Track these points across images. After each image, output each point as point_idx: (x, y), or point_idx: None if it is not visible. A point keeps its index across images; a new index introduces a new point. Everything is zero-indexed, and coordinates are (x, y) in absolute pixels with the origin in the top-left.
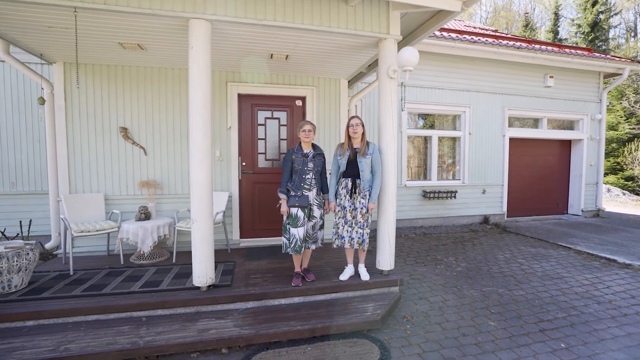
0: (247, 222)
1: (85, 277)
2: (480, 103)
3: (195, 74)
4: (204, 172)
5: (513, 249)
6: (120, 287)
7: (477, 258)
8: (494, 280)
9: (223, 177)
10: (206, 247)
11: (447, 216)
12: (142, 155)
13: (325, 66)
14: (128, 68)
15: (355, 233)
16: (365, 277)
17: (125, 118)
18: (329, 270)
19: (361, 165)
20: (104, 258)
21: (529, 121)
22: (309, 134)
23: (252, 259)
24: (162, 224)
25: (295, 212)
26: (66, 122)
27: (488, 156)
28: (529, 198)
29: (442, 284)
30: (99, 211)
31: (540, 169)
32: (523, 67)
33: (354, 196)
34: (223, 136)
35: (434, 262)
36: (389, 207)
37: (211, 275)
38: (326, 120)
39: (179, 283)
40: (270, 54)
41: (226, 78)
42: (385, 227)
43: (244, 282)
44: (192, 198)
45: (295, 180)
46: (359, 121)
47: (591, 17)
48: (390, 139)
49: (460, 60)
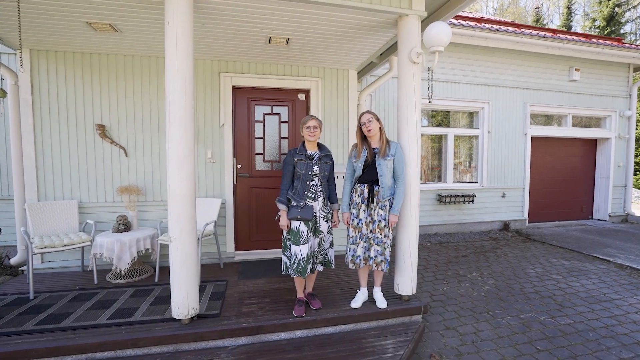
0: (243, 233)
1: (46, 303)
2: (500, 98)
3: (173, 54)
4: (185, 179)
5: (543, 262)
6: (84, 318)
7: (504, 273)
8: (531, 303)
9: (215, 181)
10: (188, 271)
11: (464, 222)
12: (122, 156)
13: (332, 53)
14: (106, 57)
15: (373, 251)
16: (382, 305)
17: (103, 114)
18: (338, 294)
19: (381, 169)
20: (77, 275)
21: (552, 118)
22: (314, 131)
23: (247, 276)
24: (142, 237)
25: (297, 226)
26: (33, 117)
27: (508, 156)
28: (552, 202)
29: (471, 308)
30: (71, 221)
31: (563, 170)
32: (547, 59)
33: (372, 206)
34: (215, 135)
35: (456, 278)
36: (411, 219)
37: (194, 304)
38: (333, 117)
39: (157, 311)
40: (268, 37)
41: (219, 68)
42: (406, 243)
43: (236, 309)
44: (170, 211)
45: (298, 188)
46: (371, 116)
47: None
48: (412, 138)
49: (479, 51)
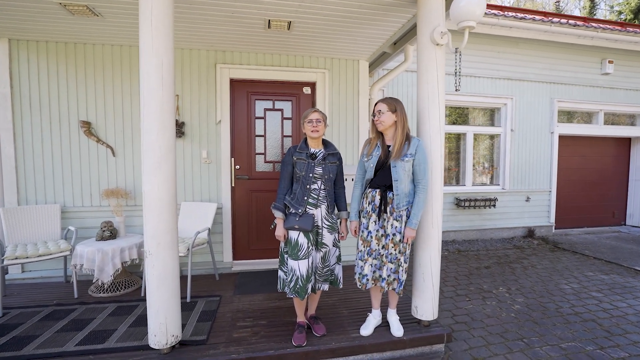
0: (242, 241)
1: (14, 322)
2: (525, 94)
3: (147, 32)
4: (163, 183)
5: (578, 276)
6: (51, 343)
7: (535, 289)
8: (572, 329)
9: (211, 184)
10: (166, 291)
11: (484, 228)
12: (110, 156)
13: (340, 40)
14: (91, 47)
15: (385, 270)
16: (398, 332)
17: (89, 110)
18: (345, 315)
19: (396, 172)
20: (58, 287)
21: (582, 115)
22: (318, 125)
23: (244, 290)
24: (128, 246)
25: (296, 238)
26: (13, 114)
27: (533, 157)
28: (580, 206)
29: (501, 333)
30: (52, 228)
31: (593, 171)
32: (576, 50)
33: (384, 216)
34: (211, 133)
35: (480, 293)
36: (433, 230)
37: (175, 330)
38: (341, 113)
39: (136, 335)
40: (267, 20)
41: (215, 59)
42: (426, 259)
43: (226, 334)
44: (145, 221)
45: (297, 192)
46: (385, 106)
47: (635, 3)
48: (435, 134)
49: (502, 42)
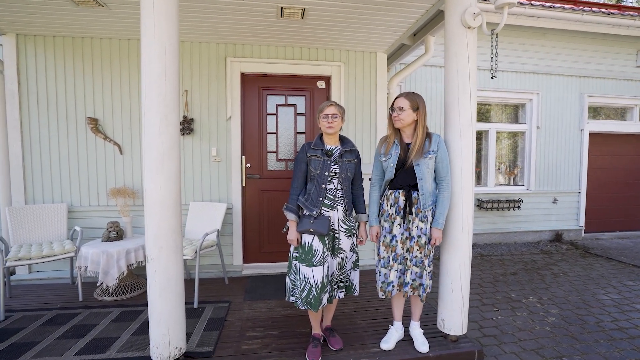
0: (253, 243)
1: (15, 327)
2: (552, 88)
3: (149, 16)
4: (166, 182)
5: (617, 285)
6: (50, 351)
7: (569, 299)
8: (618, 347)
9: (221, 183)
10: (169, 300)
11: (508, 232)
12: (117, 153)
13: (357, 29)
14: (99, 41)
15: (409, 275)
16: (423, 348)
17: (96, 106)
18: (364, 326)
19: (420, 171)
20: (64, 289)
21: (611, 111)
22: (334, 120)
23: (255, 296)
24: (134, 247)
25: (310, 242)
26: (20, 111)
27: (561, 156)
28: (613, 209)
29: (536, 349)
30: (59, 227)
31: (626, 171)
32: (609, 41)
33: (409, 218)
34: (221, 129)
35: (508, 303)
36: (463, 235)
37: (178, 342)
38: (358, 108)
39: (139, 344)
40: (280, 7)
41: (225, 52)
42: (455, 266)
43: (234, 345)
44: (147, 223)
45: (311, 192)
46: (407, 103)
47: None
48: (465, 128)
49: (527, 33)
